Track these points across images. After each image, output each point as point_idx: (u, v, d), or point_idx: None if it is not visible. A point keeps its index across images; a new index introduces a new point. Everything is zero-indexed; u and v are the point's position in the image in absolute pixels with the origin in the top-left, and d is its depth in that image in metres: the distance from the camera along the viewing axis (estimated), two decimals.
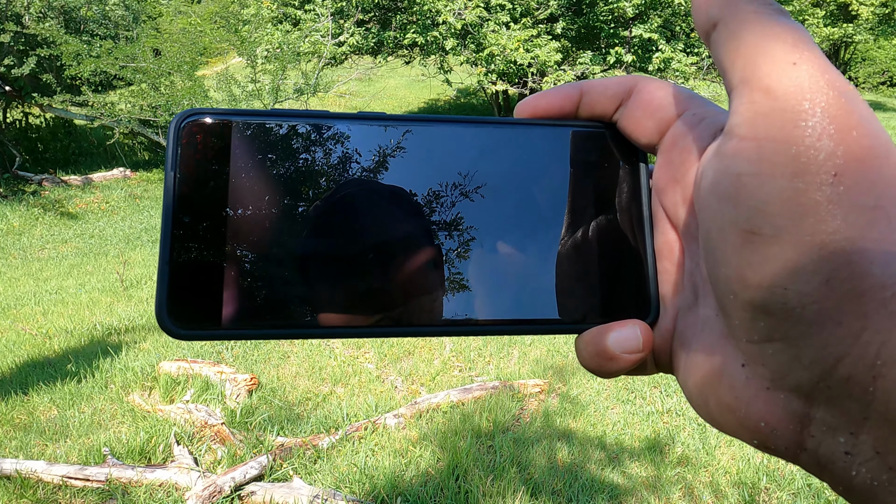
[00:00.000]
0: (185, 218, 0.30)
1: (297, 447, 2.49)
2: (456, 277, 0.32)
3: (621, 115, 0.32)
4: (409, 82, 15.12)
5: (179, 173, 0.30)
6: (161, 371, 3.16)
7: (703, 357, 0.27)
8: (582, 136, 0.33)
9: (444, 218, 0.32)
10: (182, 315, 0.30)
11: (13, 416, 2.83)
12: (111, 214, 8.02)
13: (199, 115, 0.31)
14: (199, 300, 0.30)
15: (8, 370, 3.33)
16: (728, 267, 0.24)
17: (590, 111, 0.32)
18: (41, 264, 6.11)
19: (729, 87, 0.24)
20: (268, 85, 8.37)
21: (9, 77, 8.26)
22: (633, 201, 0.32)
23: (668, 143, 0.30)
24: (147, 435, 2.57)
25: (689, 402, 0.29)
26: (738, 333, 0.25)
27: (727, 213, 0.23)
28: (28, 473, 2.29)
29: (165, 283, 0.30)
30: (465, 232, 0.32)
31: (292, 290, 0.30)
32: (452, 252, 0.32)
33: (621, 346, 0.30)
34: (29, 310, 4.45)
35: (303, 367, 3.36)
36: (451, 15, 8.35)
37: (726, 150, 0.24)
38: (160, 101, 7.98)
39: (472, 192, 0.32)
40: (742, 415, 0.25)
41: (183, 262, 0.30)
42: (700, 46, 9.46)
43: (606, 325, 0.31)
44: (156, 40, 8.06)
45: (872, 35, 16.03)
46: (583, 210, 0.32)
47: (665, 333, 0.30)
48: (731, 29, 0.24)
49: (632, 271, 0.32)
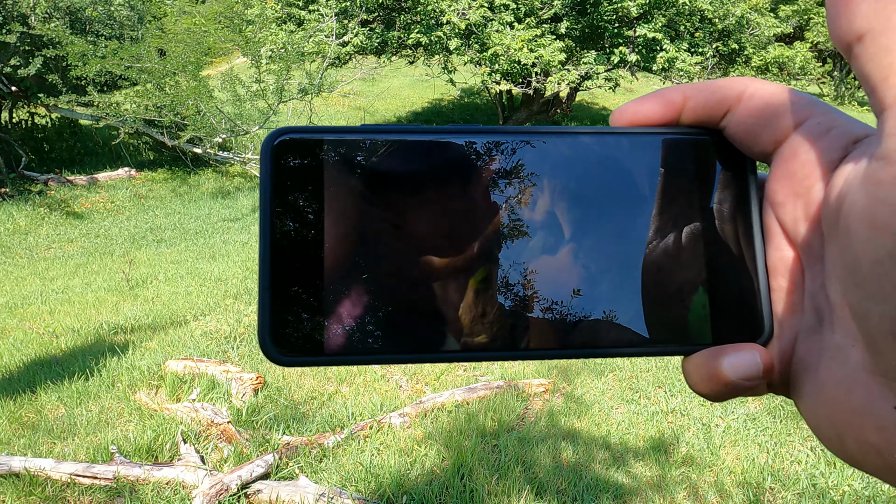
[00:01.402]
0: (283, 241, 0.29)
1: (302, 446, 2.51)
2: (561, 296, 0.30)
3: (729, 121, 0.30)
4: (412, 82, 15.13)
5: (275, 195, 0.29)
6: (167, 370, 3.18)
7: (839, 391, 0.25)
8: (686, 145, 0.31)
9: (547, 233, 0.30)
10: (286, 341, 0.29)
11: (21, 414, 2.85)
12: (116, 214, 8.05)
13: (292, 133, 0.30)
14: (304, 326, 0.29)
15: (16, 369, 3.35)
16: (888, 304, 0.22)
17: (693, 117, 0.30)
18: (47, 263, 6.14)
19: (880, 105, 0.22)
20: (272, 85, 8.39)
21: (15, 77, 8.29)
22: (743, 214, 0.31)
23: (786, 153, 0.28)
24: (154, 433, 2.58)
25: (814, 433, 0.27)
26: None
27: (887, 246, 0.21)
28: (36, 471, 2.30)
29: (267, 310, 0.29)
30: (569, 249, 0.30)
31: (401, 313, 0.29)
32: (556, 269, 0.30)
33: (738, 371, 0.28)
34: (36, 309, 4.47)
35: None
36: (454, 15, 8.35)
37: (884, 176, 0.21)
38: (165, 101, 8.00)
39: (573, 206, 0.31)
40: (894, 459, 0.23)
41: (284, 286, 0.29)
42: (704, 46, 9.44)
43: (719, 348, 0.29)
44: (160, 40, 8.08)
45: None
46: (687, 224, 0.31)
47: (783, 356, 0.28)
48: (883, 42, 0.22)
49: (742, 288, 0.30)
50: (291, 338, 0.29)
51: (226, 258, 5.80)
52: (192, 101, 7.96)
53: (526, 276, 0.30)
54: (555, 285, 0.30)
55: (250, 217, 7.80)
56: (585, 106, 14.45)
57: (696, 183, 0.31)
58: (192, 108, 8.05)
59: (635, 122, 0.31)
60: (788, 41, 14.38)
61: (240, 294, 4.57)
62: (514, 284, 0.30)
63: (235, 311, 4.19)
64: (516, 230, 0.30)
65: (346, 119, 12.59)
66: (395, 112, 13.65)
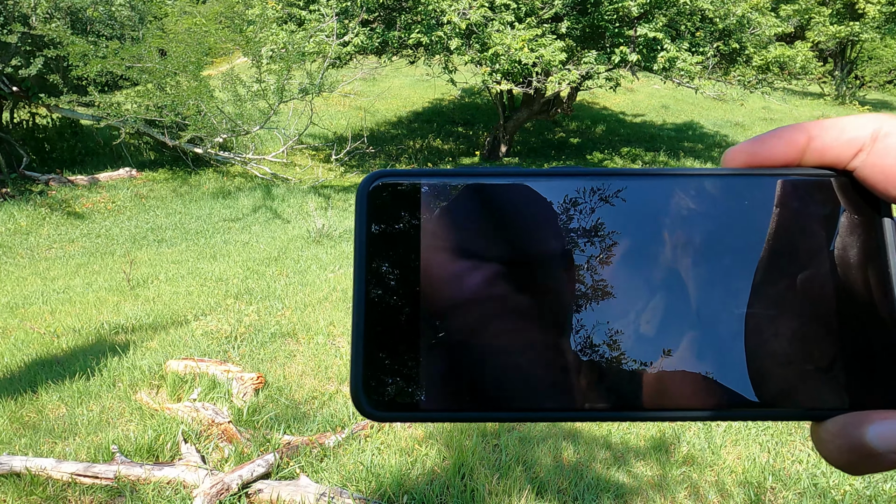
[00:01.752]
0: (379, 289, 0.28)
1: (303, 445, 2.51)
2: (674, 353, 0.28)
3: (862, 162, 0.27)
4: (413, 82, 15.13)
5: (371, 241, 0.28)
6: (168, 369, 3.18)
7: None
8: (814, 187, 0.29)
9: (664, 286, 0.28)
10: (381, 395, 0.27)
11: (22, 414, 2.85)
12: (117, 214, 8.05)
13: (388, 176, 0.29)
14: (400, 380, 0.27)
15: (17, 368, 3.35)
16: None
17: (819, 158, 0.28)
18: (48, 263, 6.14)
19: None
20: (273, 85, 8.39)
21: (16, 77, 8.30)
22: (878, 262, 0.28)
23: None
24: (155, 433, 2.58)
25: None
26: None
27: None
28: (37, 471, 2.31)
29: (361, 361, 0.27)
30: (684, 301, 0.28)
31: (506, 369, 0.27)
32: (671, 323, 0.28)
33: (889, 442, 0.24)
34: (37, 309, 4.48)
35: (309, 365, 3.38)
36: (455, 15, 8.35)
37: None
38: (166, 101, 8.00)
39: (691, 256, 0.28)
40: None
41: (381, 336, 0.27)
42: (705, 45, 9.44)
43: (861, 413, 0.26)
44: (161, 40, 8.09)
45: (879, 33, 15.95)
46: (817, 273, 0.28)
47: None
48: None
49: (881, 344, 0.27)
50: (387, 391, 0.27)
51: (227, 258, 5.80)
52: (192, 101, 7.96)
53: (640, 332, 0.28)
54: (668, 340, 0.28)
55: (251, 217, 7.81)
56: (586, 106, 14.44)
57: (824, 229, 0.28)
58: (193, 108, 8.05)
59: (753, 163, 0.29)
60: (789, 41, 14.38)
61: (240, 294, 4.57)
62: (626, 341, 0.28)
63: (236, 310, 4.20)
64: (631, 283, 0.28)
65: (347, 119, 12.59)
66: (396, 112, 13.65)
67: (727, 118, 14.32)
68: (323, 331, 3.78)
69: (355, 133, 10.85)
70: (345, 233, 6.59)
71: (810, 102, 16.32)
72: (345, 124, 11.98)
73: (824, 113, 14.90)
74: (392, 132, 12.48)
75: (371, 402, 0.27)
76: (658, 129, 13.30)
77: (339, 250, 5.91)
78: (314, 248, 6.07)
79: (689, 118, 14.24)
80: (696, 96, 12.40)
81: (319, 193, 8.70)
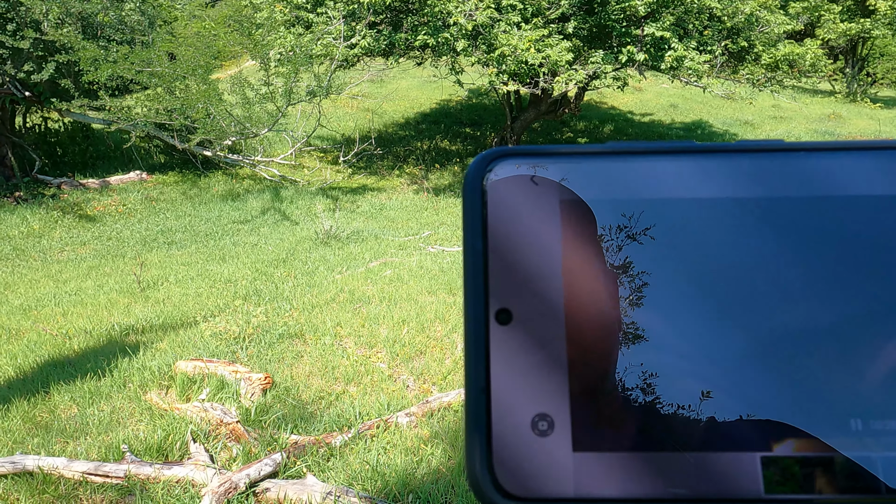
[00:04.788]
0: (505, 317, 0.19)
1: (310, 445, 2.53)
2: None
3: None
4: (420, 83, 15.15)
5: (491, 249, 0.19)
6: (177, 370, 3.21)
7: None
8: None
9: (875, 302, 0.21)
10: (513, 478, 0.18)
11: (35, 414, 2.90)
12: (128, 217, 8.14)
13: (507, 157, 0.20)
14: (540, 455, 0.18)
15: (30, 369, 3.41)
16: None
17: None
18: (60, 266, 6.22)
19: None
20: (281, 87, 8.45)
21: (28, 82, 8.41)
22: None
23: None
24: (164, 433, 2.62)
25: None
26: None
27: None
28: (49, 470, 2.35)
29: (484, 430, 0.18)
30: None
31: (685, 436, 0.19)
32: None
33: None
34: (49, 311, 4.54)
35: (316, 366, 3.40)
36: (461, 16, 8.37)
37: None
38: (175, 105, 8.09)
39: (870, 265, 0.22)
40: None
41: (511, 391, 0.18)
42: (713, 44, 9.40)
43: None
44: (171, 44, 8.17)
45: (891, 30, 15.80)
46: None
47: None
48: None
49: None
50: (521, 472, 0.18)
51: (235, 260, 5.85)
52: (202, 104, 8.03)
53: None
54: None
55: (259, 219, 7.86)
56: (594, 105, 14.41)
57: None
58: (202, 112, 8.12)
59: None
60: (799, 38, 14.28)
61: (249, 295, 4.61)
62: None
63: (244, 312, 4.23)
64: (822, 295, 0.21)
65: (355, 120, 12.64)
66: (404, 113, 13.68)
67: (737, 117, 14.23)
68: (330, 332, 3.80)
69: (363, 135, 10.89)
70: (352, 234, 6.62)
71: (821, 100, 16.19)
72: (353, 126, 12.03)
73: (835, 111, 14.77)
74: (400, 133, 12.51)
75: (497, 488, 0.18)
76: (667, 128, 13.24)
77: (347, 252, 5.94)
78: (322, 249, 6.10)
79: (698, 117, 14.16)
80: (705, 95, 12.34)
81: (327, 195, 8.75)
